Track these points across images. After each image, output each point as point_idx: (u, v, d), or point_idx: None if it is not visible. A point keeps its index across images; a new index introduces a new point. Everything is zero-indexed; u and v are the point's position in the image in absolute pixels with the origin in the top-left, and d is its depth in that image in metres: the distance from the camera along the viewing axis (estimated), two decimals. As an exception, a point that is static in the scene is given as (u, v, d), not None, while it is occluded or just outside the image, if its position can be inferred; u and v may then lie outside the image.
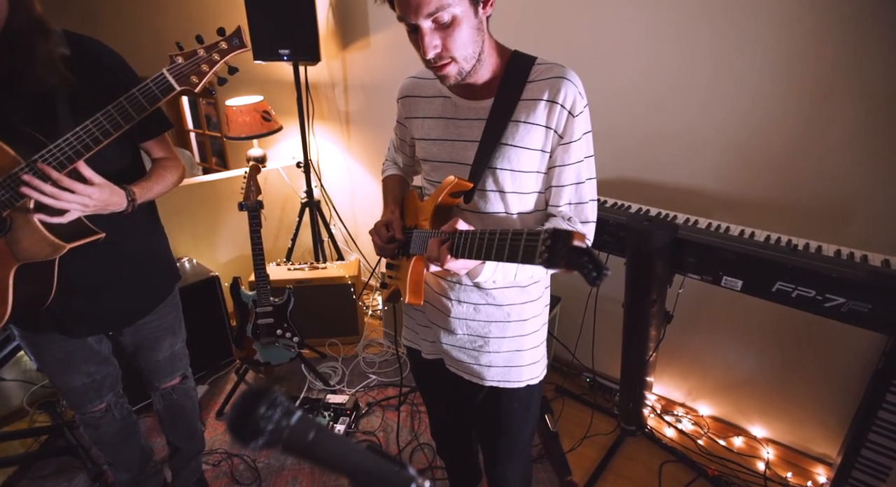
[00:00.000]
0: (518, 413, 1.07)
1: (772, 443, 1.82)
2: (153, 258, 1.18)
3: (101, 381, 1.20)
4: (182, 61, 0.88)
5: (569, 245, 0.51)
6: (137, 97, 0.87)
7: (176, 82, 0.88)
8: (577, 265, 0.50)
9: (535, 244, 0.57)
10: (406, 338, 1.18)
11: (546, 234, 0.55)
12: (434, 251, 0.79)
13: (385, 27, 2.36)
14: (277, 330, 1.98)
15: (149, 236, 1.18)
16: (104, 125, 0.87)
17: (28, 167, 0.85)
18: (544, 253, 0.55)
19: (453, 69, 0.81)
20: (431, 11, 0.74)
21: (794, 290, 1.08)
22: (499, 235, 0.66)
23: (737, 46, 1.48)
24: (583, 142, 0.87)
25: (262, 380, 2.18)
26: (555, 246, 0.54)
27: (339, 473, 0.36)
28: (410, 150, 1.10)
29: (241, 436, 0.33)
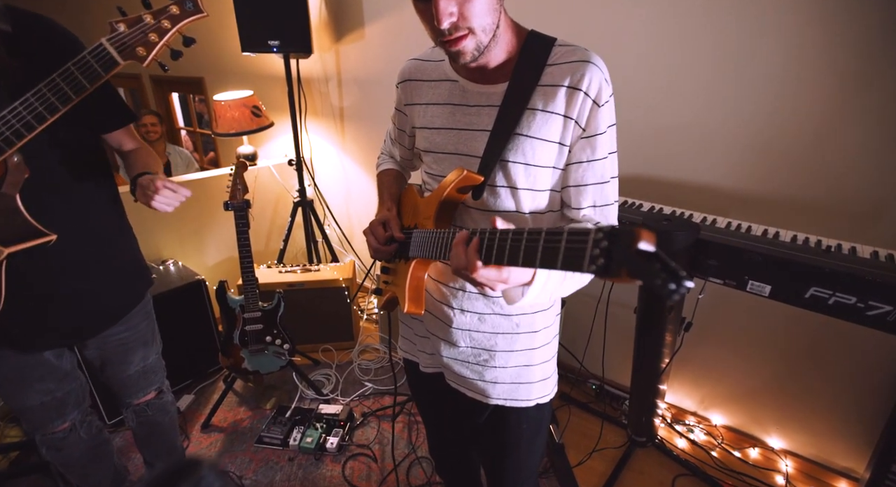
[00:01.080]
0: (526, 435, 0.97)
1: (790, 455, 1.72)
2: (119, 262, 1.06)
3: (62, 399, 1.08)
4: (125, 29, 0.76)
5: (633, 247, 0.38)
6: (73, 73, 0.75)
7: (119, 54, 0.75)
8: (645, 273, 0.37)
9: (584, 245, 0.43)
10: (402, 349, 1.07)
11: (601, 233, 0.42)
12: (461, 257, 0.63)
13: (380, 17, 2.25)
14: (267, 336, 1.87)
15: (113, 239, 1.06)
16: (37, 107, 0.75)
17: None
18: (599, 258, 0.41)
19: (470, 43, 0.70)
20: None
21: (831, 297, 0.97)
22: (535, 235, 0.52)
23: (749, 34, 1.38)
24: (608, 135, 0.77)
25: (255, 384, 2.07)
26: (614, 247, 0.40)
27: None
28: (410, 142, 0.99)
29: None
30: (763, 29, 1.36)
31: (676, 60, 1.53)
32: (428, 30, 0.71)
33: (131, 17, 0.77)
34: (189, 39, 0.82)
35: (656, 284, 0.36)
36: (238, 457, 1.73)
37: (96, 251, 1.00)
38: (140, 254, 1.14)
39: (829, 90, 1.32)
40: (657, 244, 0.38)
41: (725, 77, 1.46)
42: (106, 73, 0.76)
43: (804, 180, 1.42)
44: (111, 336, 1.08)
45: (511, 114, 0.76)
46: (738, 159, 1.51)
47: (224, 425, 1.89)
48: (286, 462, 1.71)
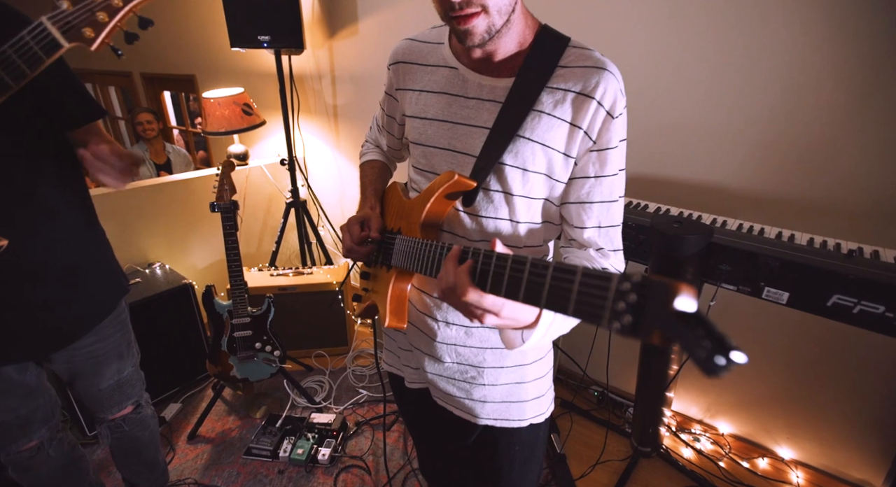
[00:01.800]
0: (519, 458, 0.89)
1: (802, 466, 1.65)
2: (88, 271, 0.98)
3: (28, 416, 1.00)
4: (68, 7, 0.67)
5: (669, 305, 0.30)
6: (11, 57, 0.66)
7: (63, 36, 0.67)
8: (686, 341, 0.29)
9: (605, 293, 0.34)
10: (386, 362, 1.00)
11: (628, 283, 0.33)
12: (450, 275, 0.56)
13: (375, 12, 2.18)
14: (256, 343, 1.80)
15: (81, 244, 0.97)
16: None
17: None
18: (625, 315, 0.32)
19: (481, 23, 0.62)
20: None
21: (855, 305, 0.90)
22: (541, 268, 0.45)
23: (763, 27, 1.31)
24: (619, 151, 0.70)
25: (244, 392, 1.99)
26: (645, 303, 0.32)
27: None
28: (399, 130, 0.90)
29: None
30: (771, 25, 1.29)
31: (681, 56, 1.46)
32: (436, 3, 0.64)
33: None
34: (145, 20, 0.73)
35: (700, 356, 0.28)
36: (225, 470, 1.66)
37: (61, 258, 0.92)
38: (114, 261, 1.06)
39: (842, 84, 1.25)
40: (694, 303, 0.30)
41: (731, 73, 1.39)
42: (48, 56, 0.67)
43: (816, 179, 1.35)
44: (80, 348, 1.00)
45: (515, 114, 0.69)
46: (745, 157, 1.45)
47: (212, 435, 1.82)
48: (276, 475, 1.63)
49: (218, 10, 2.11)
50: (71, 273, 0.94)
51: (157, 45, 3.65)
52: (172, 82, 3.86)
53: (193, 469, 1.65)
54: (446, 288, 0.57)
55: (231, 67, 2.92)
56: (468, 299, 0.54)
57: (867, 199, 1.30)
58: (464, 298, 0.54)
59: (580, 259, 0.72)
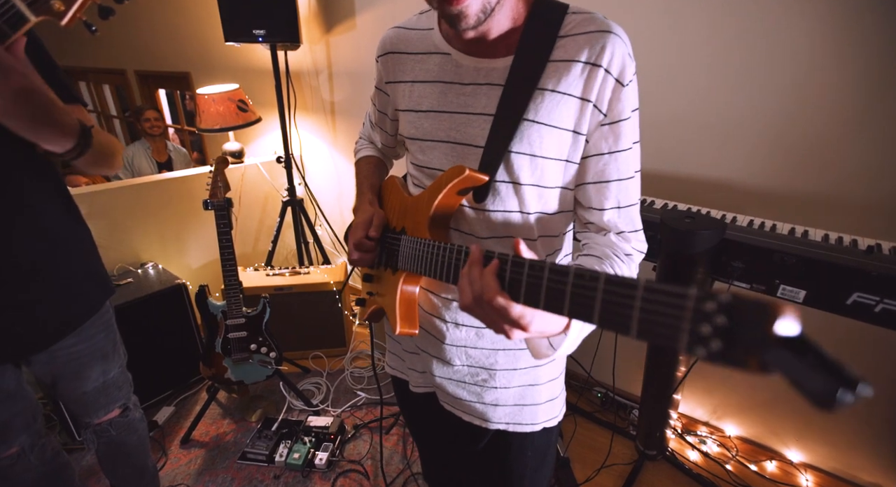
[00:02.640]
0: (532, 463, 0.85)
1: (811, 469, 1.61)
2: (69, 269, 0.93)
3: (6, 422, 0.95)
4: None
5: (767, 328, 0.25)
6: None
7: (29, 9, 0.61)
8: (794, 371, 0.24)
9: (681, 313, 0.29)
10: (390, 366, 0.95)
11: (714, 303, 0.27)
12: (476, 281, 0.51)
13: (373, 6, 2.13)
14: (251, 344, 1.75)
15: (62, 243, 0.92)
16: None
17: None
18: (712, 340, 0.26)
19: (475, 4, 0.57)
20: None
21: (877, 304, 0.86)
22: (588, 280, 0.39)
23: (773, 22, 1.27)
24: (632, 121, 0.65)
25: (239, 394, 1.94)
26: (738, 327, 0.26)
27: None
28: (392, 126, 0.86)
29: None
30: (779, 19, 1.25)
31: (691, 49, 1.42)
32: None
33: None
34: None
35: (814, 390, 0.23)
36: (220, 475, 1.61)
37: (39, 257, 0.87)
38: (98, 262, 1.01)
39: (851, 78, 1.20)
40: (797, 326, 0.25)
41: (742, 66, 1.35)
42: (13, 31, 0.61)
43: (828, 173, 1.31)
44: (61, 349, 0.95)
45: (517, 96, 0.63)
46: (756, 152, 1.41)
47: (206, 439, 1.77)
48: (271, 480, 1.58)
49: (212, 5, 2.07)
50: (51, 271, 0.89)
51: (151, 42, 3.60)
52: (167, 80, 3.81)
53: (186, 475, 1.60)
54: (475, 294, 0.51)
55: (226, 63, 2.87)
56: (496, 304, 0.48)
57: (879, 194, 1.26)
58: (493, 303, 0.48)
59: (602, 246, 0.67)
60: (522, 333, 0.50)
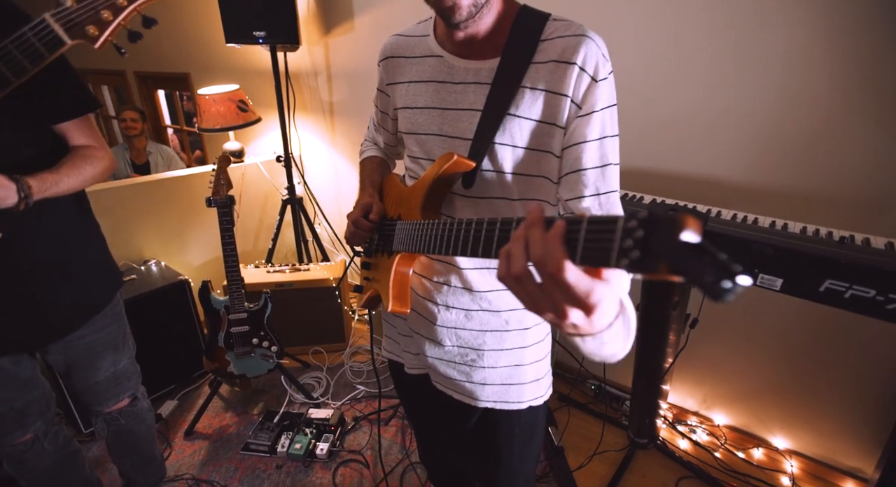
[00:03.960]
0: (519, 440, 0.90)
1: (796, 456, 1.67)
2: (82, 263, 0.98)
3: (22, 409, 1.00)
4: (72, 4, 0.67)
5: (675, 237, 0.30)
6: (12, 53, 0.67)
7: (66, 33, 0.67)
8: (691, 269, 0.28)
9: (612, 231, 0.33)
10: (386, 349, 1.01)
11: (634, 221, 0.32)
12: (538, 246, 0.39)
13: (370, 8, 2.18)
14: (253, 338, 1.79)
15: (75, 238, 0.97)
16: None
17: None
18: (632, 251, 0.31)
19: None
20: None
21: (847, 290, 0.92)
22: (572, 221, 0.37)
23: (756, 21, 1.33)
24: (606, 114, 0.70)
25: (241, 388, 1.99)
26: (652, 238, 0.31)
27: None
28: (393, 125, 0.92)
29: None
30: (768, 18, 1.31)
31: (679, 49, 1.48)
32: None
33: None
34: (149, 20, 0.73)
35: (707, 282, 0.28)
36: (223, 466, 1.65)
37: (55, 252, 0.91)
38: (108, 255, 1.05)
39: (836, 79, 1.26)
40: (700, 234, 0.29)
41: (729, 66, 1.41)
42: (50, 53, 0.67)
43: (809, 171, 1.37)
44: (77, 340, 1.00)
45: (503, 93, 0.70)
46: (741, 150, 1.46)
47: (209, 432, 1.81)
48: (274, 470, 1.63)
49: (212, 6, 2.11)
50: (65, 265, 0.94)
51: (152, 43, 3.63)
52: (166, 81, 3.84)
53: (191, 466, 1.64)
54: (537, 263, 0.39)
55: (226, 65, 2.91)
56: (565, 278, 0.37)
57: (857, 190, 1.32)
58: (560, 275, 0.37)
59: None
60: (581, 317, 0.40)
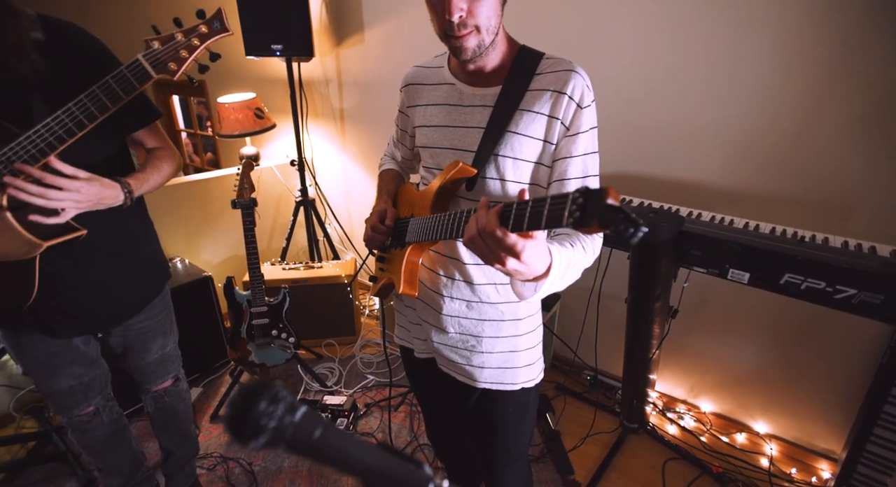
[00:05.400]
0: (513, 418, 1.03)
1: (775, 439, 1.80)
2: (142, 256, 1.13)
3: (88, 384, 1.15)
4: (159, 46, 0.83)
5: (602, 202, 0.46)
6: (112, 85, 0.82)
7: (153, 69, 0.82)
8: (610, 223, 0.45)
9: (564, 204, 0.50)
10: (398, 337, 1.14)
11: (577, 193, 0.49)
12: (482, 217, 0.62)
13: (380, 21, 2.33)
14: (273, 330, 1.94)
15: (137, 234, 1.13)
16: (77, 115, 0.82)
17: (2, 165, 0.81)
18: (576, 213, 0.48)
19: (473, 40, 0.78)
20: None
21: (802, 282, 1.06)
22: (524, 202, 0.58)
23: (735, 37, 1.46)
24: (588, 135, 0.85)
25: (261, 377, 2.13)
26: (588, 203, 0.47)
27: (348, 473, 0.33)
28: (411, 142, 1.06)
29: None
30: (750, 35, 1.44)
31: (665, 62, 1.61)
32: (436, 25, 0.79)
33: (165, 36, 0.84)
34: (215, 55, 0.89)
35: (619, 229, 0.45)
36: (247, 446, 1.79)
37: (121, 246, 1.07)
38: (160, 250, 1.21)
39: (812, 95, 1.39)
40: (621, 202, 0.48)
41: (713, 79, 1.54)
42: (140, 85, 0.83)
43: (786, 177, 1.51)
44: (133, 324, 1.15)
45: (504, 114, 0.84)
46: (724, 157, 1.60)
47: (232, 416, 1.96)
48: (293, 451, 1.77)
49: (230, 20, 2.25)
50: (130, 259, 1.09)
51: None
52: (182, 87, 4.00)
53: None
54: (479, 231, 0.62)
55: (241, 73, 3.05)
56: (496, 234, 0.59)
57: (827, 194, 1.45)
58: (493, 233, 0.60)
59: (567, 233, 0.85)
60: (516, 262, 0.61)
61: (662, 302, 1.36)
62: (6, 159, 0.81)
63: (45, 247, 0.87)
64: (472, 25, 0.76)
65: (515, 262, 0.62)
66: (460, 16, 0.74)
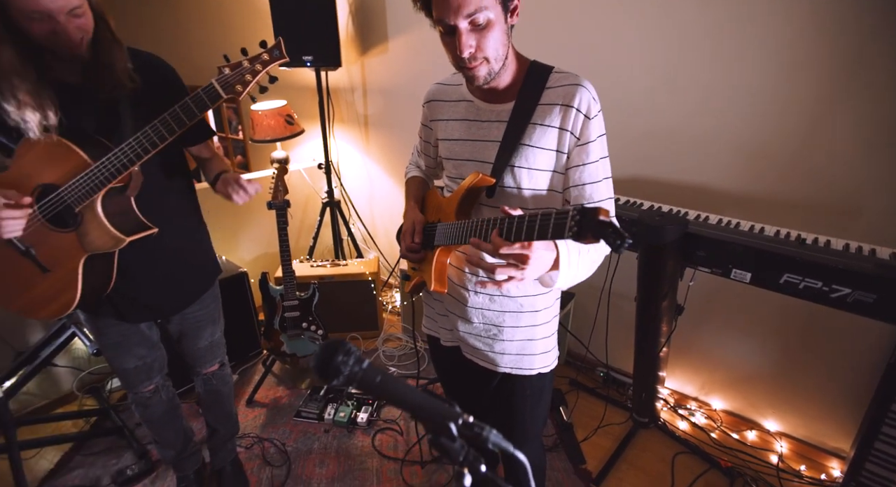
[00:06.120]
0: (531, 400, 1.13)
1: (785, 437, 1.84)
2: (199, 252, 1.29)
3: (150, 364, 1.31)
4: (229, 72, 0.97)
5: (596, 219, 0.59)
6: (189, 105, 0.97)
7: (223, 91, 0.97)
8: (601, 235, 0.58)
9: (565, 220, 0.64)
10: (426, 327, 1.25)
11: (575, 211, 0.62)
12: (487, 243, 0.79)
13: (403, 33, 2.45)
14: (303, 322, 2.08)
15: (195, 232, 1.28)
16: (160, 131, 0.97)
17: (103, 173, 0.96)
18: (574, 228, 0.62)
19: (483, 70, 0.88)
20: (471, 12, 0.81)
21: (801, 282, 1.13)
22: (534, 216, 0.71)
23: (740, 43, 1.52)
24: (598, 143, 0.93)
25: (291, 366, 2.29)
26: (583, 220, 0.61)
27: (400, 406, 0.45)
28: (434, 151, 1.17)
29: (325, 376, 0.42)
30: (754, 40, 1.50)
31: (674, 68, 1.68)
32: (451, 58, 0.89)
33: (234, 63, 0.98)
34: (273, 78, 1.02)
35: (608, 241, 0.57)
36: (280, 429, 1.95)
37: (182, 243, 1.22)
38: (212, 247, 1.36)
39: (818, 100, 1.44)
40: (610, 218, 0.61)
41: (721, 84, 1.60)
42: (212, 104, 0.97)
43: (792, 182, 1.56)
44: (189, 313, 1.30)
45: (517, 128, 0.93)
46: (732, 162, 1.66)
47: (266, 401, 2.11)
48: (322, 434, 1.92)
49: (263, 31, 2.42)
50: (190, 253, 1.25)
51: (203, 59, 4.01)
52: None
53: (254, 427, 1.95)
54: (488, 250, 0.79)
55: (272, 81, 3.23)
56: (504, 250, 0.76)
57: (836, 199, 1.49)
58: (503, 250, 0.76)
59: None
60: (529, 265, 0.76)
61: (669, 300, 1.44)
62: (105, 168, 0.96)
63: (127, 242, 1.02)
64: (481, 57, 0.86)
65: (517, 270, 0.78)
66: (470, 52, 0.84)
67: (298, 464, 1.77)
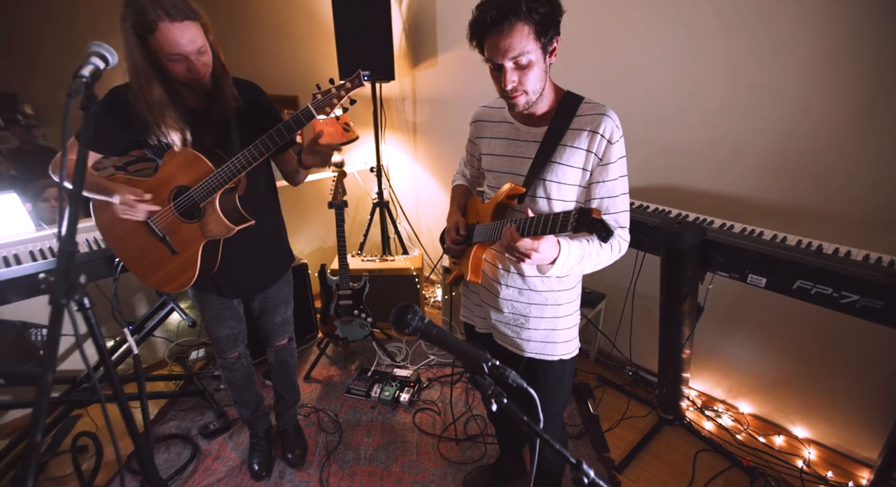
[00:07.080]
0: (553, 382, 1.30)
1: (814, 444, 1.86)
2: (278, 243, 1.56)
3: (237, 335, 1.59)
4: (321, 97, 1.22)
5: (589, 217, 0.81)
6: (290, 124, 1.22)
7: (315, 111, 1.22)
8: (593, 229, 0.81)
9: (569, 217, 0.89)
10: (464, 315, 1.45)
11: (576, 211, 0.86)
12: (506, 236, 1.01)
13: (451, 49, 2.66)
14: (355, 310, 2.34)
15: (276, 226, 1.56)
16: (267, 143, 1.22)
17: (219, 173, 1.23)
18: (573, 222, 0.85)
19: (523, 99, 1.06)
20: (515, 55, 1.00)
21: (812, 287, 1.22)
22: (547, 215, 0.95)
23: (774, 54, 1.58)
24: (618, 164, 1.09)
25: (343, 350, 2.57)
26: (581, 217, 0.84)
27: (449, 351, 0.65)
28: (478, 163, 1.37)
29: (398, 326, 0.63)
30: (779, 50, 1.56)
31: (707, 81, 1.76)
32: (497, 87, 1.08)
33: (324, 90, 1.22)
34: (352, 100, 1.26)
35: (598, 234, 0.79)
36: (332, 402, 2.21)
37: (267, 234, 1.49)
38: (287, 238, 1.63)
39: (847, 109, 1.49)
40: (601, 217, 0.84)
41: (745, 98, 1.67)
42: (306, 122, 1.22)
43: (822, 193, 1.60)
44: (270, 293, 1.58)
45: (549, 148, 1.11)
46: (761, 173, 1.72)
47: (320, 378, 2.39)
48: (369, 409, 2.16)
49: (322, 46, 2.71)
50: (273, 241, 1.52)
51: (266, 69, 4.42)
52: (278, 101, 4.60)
53: (311, 399, 2.22)
54: (505, 243, 1.02)
55: (330, 91, 3.54)
56: (519, 243, 0.98)
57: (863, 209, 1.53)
58: (516, 243, 0.99)
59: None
60: (537, 254, 0.99)
61: (690, 302, 1.54)
62: (223, 173, 1.23)
63: (235, 231, 1.29)
64: (521, 90, 1.04)
65: (536, 254, 1.00)
66: (512, 85, 1.03)
67: (349, 433, 2.02)
